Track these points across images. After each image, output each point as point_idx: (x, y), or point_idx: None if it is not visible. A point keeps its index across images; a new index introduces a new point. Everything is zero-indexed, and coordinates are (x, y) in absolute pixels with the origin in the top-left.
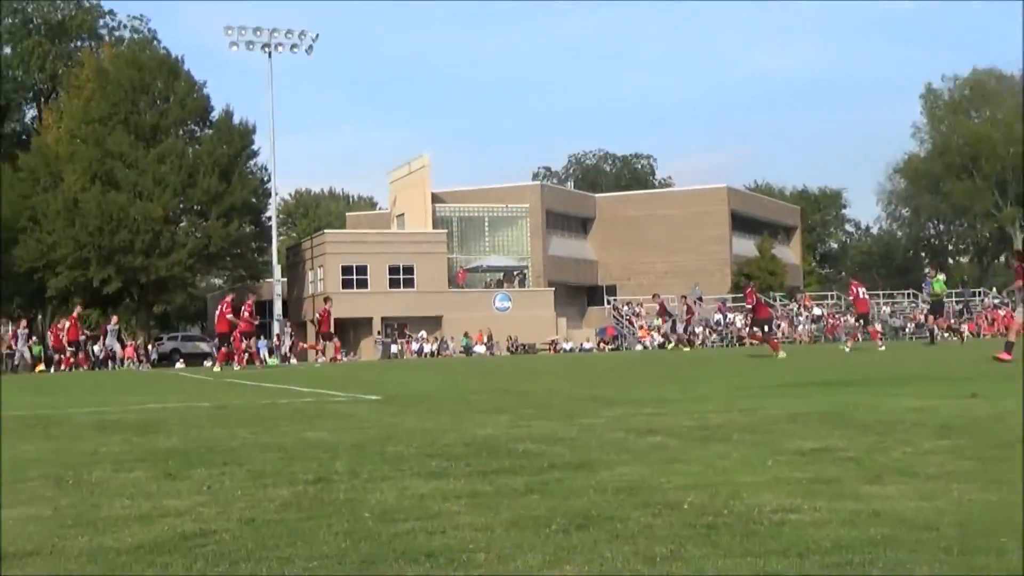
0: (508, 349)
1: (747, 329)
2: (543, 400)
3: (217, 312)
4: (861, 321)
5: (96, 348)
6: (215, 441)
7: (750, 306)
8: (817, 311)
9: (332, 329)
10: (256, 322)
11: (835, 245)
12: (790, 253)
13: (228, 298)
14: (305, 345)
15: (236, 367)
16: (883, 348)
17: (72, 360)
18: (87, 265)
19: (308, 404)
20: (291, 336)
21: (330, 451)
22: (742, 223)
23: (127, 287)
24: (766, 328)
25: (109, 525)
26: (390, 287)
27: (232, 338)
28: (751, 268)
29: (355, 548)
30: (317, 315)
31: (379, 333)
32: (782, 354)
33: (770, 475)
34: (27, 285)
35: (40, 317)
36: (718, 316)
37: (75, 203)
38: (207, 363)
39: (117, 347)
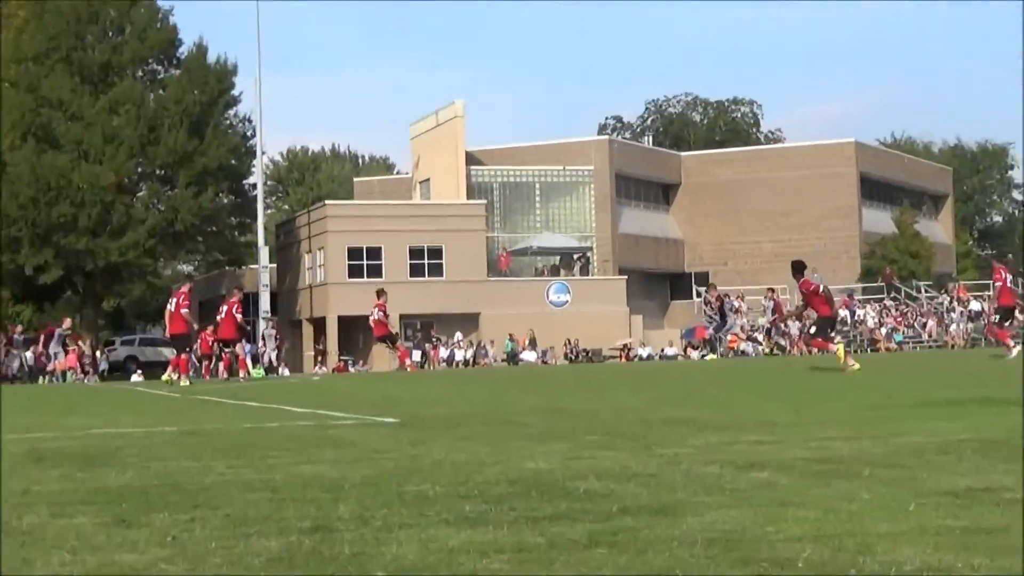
0: (566, 356)
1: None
2: (612, 424)
3: (222, 314)
4: (998, 317)
5: (28, 355)
6: (183, 477)
7: (802, 299)
8: (975, 306)
9: (392, 330)
10: (242, 323)
11: (999, 218)
12: (939, 229)
13: (235, 296)
14: (397, 356)
15: (206, 379)
16: (1014, 355)
17: None
18: (17, 247)
19: (305, 429)
20: (276, 339)
21: (332, 490)
22: (875, 190)
23: (69, 276)
24: (828, 330)
25: None
26: (411, 275)
27: (198, 342)
28: (887, 249)
29: None
30: (376, 313)
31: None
32: (854, 365)
33: (912, 523)
34: None
35: None
36: (844, 313)
37: (1, 166)
38: (172, 375)
39: (62, 355)
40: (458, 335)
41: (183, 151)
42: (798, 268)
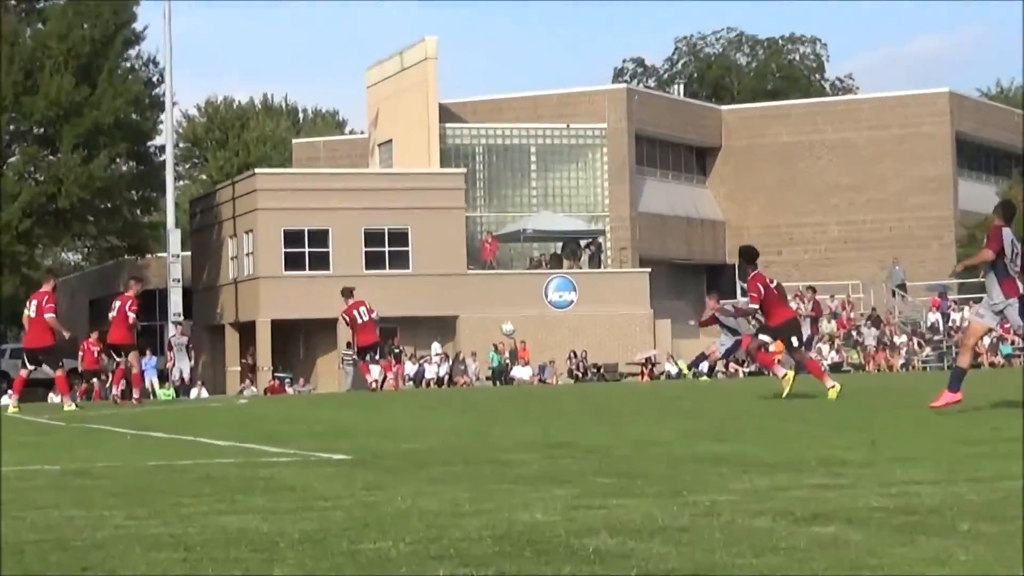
0: (571, 373)
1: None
2: (630, 463)
3: (114, 312)
4: None
5: None
6: (69, 531)
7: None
8: None
9: (377, 337)
10: (137, 328)
11: None
12: None
13: (132, 290)
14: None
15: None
16: None
17: None
18: None
19: (228, 468)
20: (191, 351)
21: (264, 549)
22: (976, 155)
23: None
24: (793, 340)
25: None
26: (367, 267)
27: (81, 354)
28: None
29: None
30: (344, 317)
31: (348, 347)
32: (832, 386)
33: None
34: None
35: None
36: (934, 317)
37: None
38: (55, 396)
39: None
40: (436, 346)
41: (68, 102)
42: (749, 257)
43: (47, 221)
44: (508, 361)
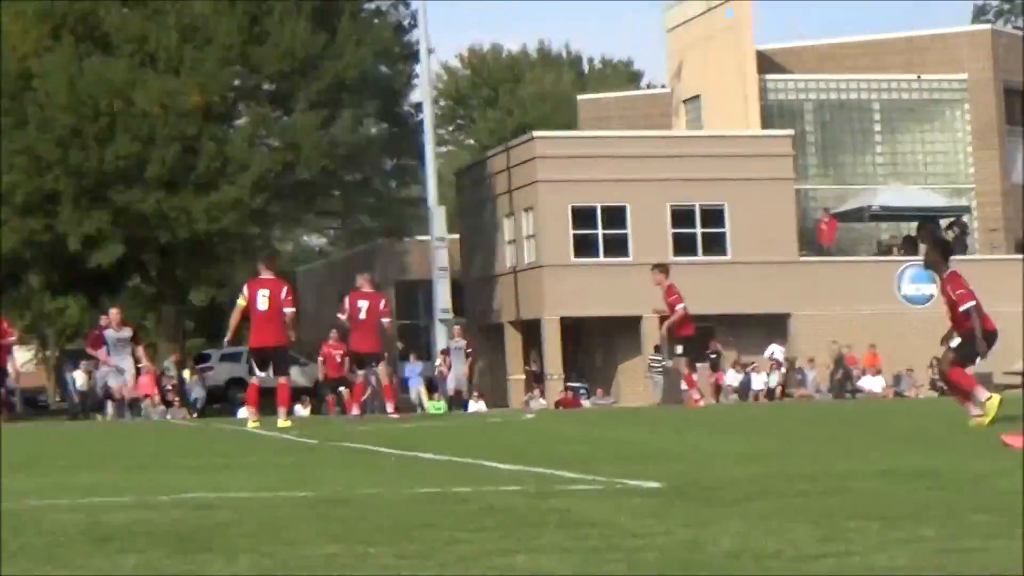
0: (934, 385)
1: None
2: (1015, 496)
3: (362, 313)
4: None
5: (78, 375)
6: (327, 571)
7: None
8: None
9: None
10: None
11: None
12: None
13: (366, 286)
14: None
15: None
16: None
17: None
18: (52, 208)
19: (514, 497)
20: (467, 354)
21: None
22: None
23: (134, 253)
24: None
25: None
26: (676, 252)
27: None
28: None
29: None
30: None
31: (655, 350)
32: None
33: None
34: None
35: None
36: None
37: (26, 78)
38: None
39: (126, 372)
40: (775, 349)
41: (304, 54)
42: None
43: (284, 196)
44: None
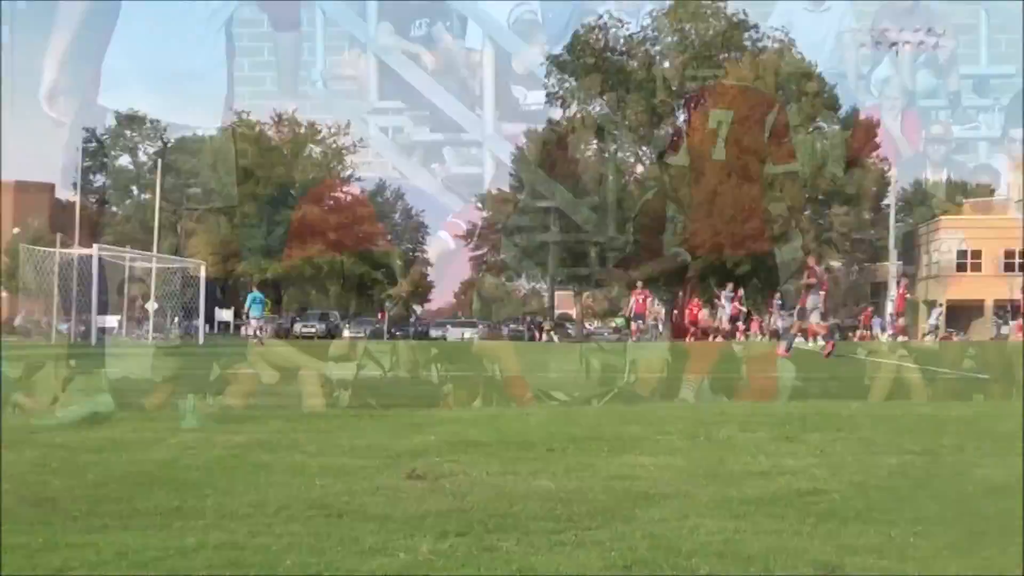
0: None
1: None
2: None
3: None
4: None
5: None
6: (830, 409)
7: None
8: None
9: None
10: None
11: None
12: None
13: None
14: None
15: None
16: None
17: (697, 334)
18: (720, 249)
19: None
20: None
21: (937, 425)
22: None
23: (755, 270)
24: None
25: (734, 478)
26: None
27: None
28: None
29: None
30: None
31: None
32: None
33: None
34: (671, 265)
35: (681, 295)
36: None
37: (714, 195)
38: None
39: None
40: None
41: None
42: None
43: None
44: None
